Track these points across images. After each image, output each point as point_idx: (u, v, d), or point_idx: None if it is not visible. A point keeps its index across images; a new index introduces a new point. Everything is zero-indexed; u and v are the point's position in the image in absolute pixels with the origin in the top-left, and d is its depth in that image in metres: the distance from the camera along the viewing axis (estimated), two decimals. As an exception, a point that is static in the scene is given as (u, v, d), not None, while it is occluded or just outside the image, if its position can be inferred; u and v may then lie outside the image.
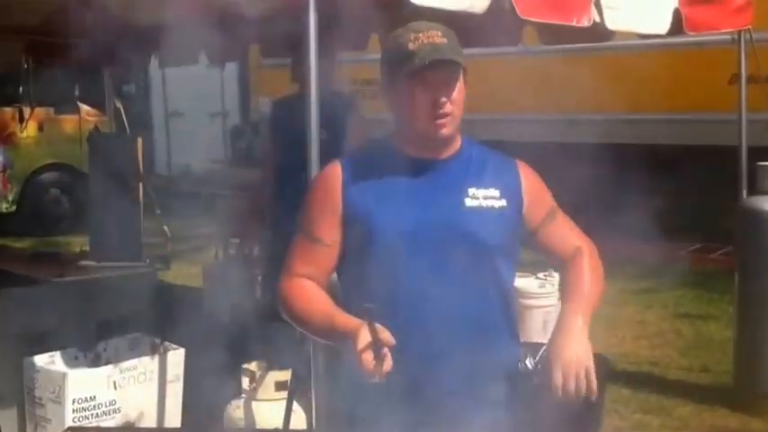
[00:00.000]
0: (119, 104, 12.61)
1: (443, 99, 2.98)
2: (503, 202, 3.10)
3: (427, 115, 3.01)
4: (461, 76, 3.03)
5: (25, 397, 5.39)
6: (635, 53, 10.95)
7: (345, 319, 2.90)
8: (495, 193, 3.10)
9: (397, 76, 3.01)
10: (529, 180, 3.22)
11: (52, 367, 5.41)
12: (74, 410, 5.18)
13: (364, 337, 2.74)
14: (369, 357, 2.72)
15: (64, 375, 5.25)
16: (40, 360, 5.40)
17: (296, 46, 6.14)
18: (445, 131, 3.03)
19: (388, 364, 2.73)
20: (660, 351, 8.11)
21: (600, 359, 3.55)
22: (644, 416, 6.53)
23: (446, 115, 3.00)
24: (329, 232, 3.09)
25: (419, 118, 3.02)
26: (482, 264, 3.07)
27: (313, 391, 4.44)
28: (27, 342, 5.47)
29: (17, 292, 5.71)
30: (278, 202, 6.27)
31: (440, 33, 3.00)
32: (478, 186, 3.09)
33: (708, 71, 10.86)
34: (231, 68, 16.92)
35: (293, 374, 4.92)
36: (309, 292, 3.08)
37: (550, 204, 3.26)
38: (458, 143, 3.16)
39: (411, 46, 2.97)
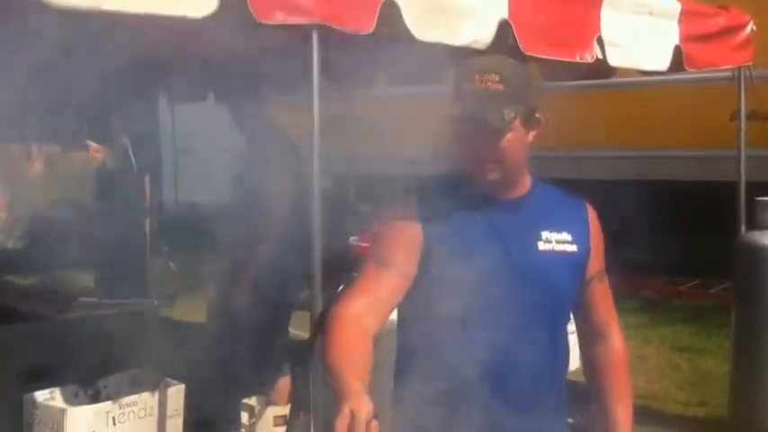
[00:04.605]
0: (126, 141, 12.70)
1: (485, 149, 2.93)
2: (574, 248, 3.07)
3: (472, 160, 2.97)
4: (516, 123, 2.92)
5: (24, 433, 5.38)
6: (635, 90, 10.99)
7: (347, 383, 2.60)
8: (568, 237, 3.07)
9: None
10: (595, 227, 3.19)
11: (52, 403, 5.38)
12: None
13: (346, 413, 2.44)
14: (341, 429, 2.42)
15: (63, 411, 5.21)
16: (40, 396, 5.37)
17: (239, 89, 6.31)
18: (491, 177, 2.96)
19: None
20: (658, 385, 8.14)
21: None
22: (642, 449, 6.52)
23: (490, 162, 2.94)
24: (405, 261, 2.97)
25: (465, 160, 3.00)
26: (551, 310, 3.04)
27: (312, 425, 4.45)
28: (27, 378, 5.45)
29: (18, 327, 5.72)
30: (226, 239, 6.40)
31: (498, 78, 2.90)
32: (551, 230, 3.05)
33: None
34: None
35: (292, 409, 4.95)
36: (347, 331, 2.82)
37: (603, 261, 3.23)
38: (526, 183, 3.10)
39: (466, 86, 2.91)
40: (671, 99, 11.01)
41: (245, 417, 5.35)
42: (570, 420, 3.18)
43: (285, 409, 5.18)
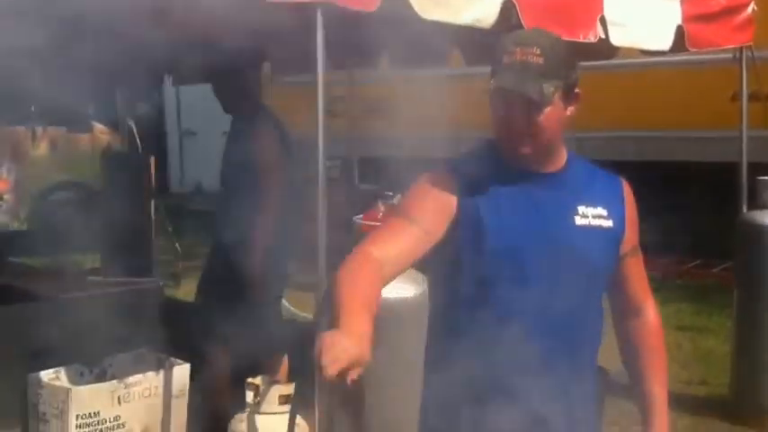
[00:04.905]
0: (131, 123, 12.70)
1: (523, 123, 2.90)
2: (609, 223, 3.05)
3: (506, 133, 2.96)
4: (556, 98, 2.90)
5: (29, 413, 5.39)
6: (637, 70, 10.99)
7: (344, 316, 2.57)
8: (603, 212, 3.05)
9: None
10: (630, 202, 3.18)
11: (56, 383, 5.42)
12: (77, 426, 5.18)
13: (328, 344, 2.41)
14: (326, 363, 2.38)
15: (68, 391, 5.24)
16: (45, 376, 5.41)
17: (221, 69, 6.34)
18: (527, 151, 2.94)
19: (354, 375, 2.42)
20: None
21: (600, 372, 3.60)
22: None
23: (525, 136, 2.92)
24: (431, 221, 2.94)
25: (499, 132, 2.98)
26: (586, 284, 3.03)
27: (316, 404, 4.48)
28: (32, 358, 5.47)
29: (23, 307, 5.75)
30: (221, 218, 6.44)
31: (539, 51, 2.87)
32: (587, 204, 3.03)
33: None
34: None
35: (296, 387, 4.96)
36: (358, 269, 2.80)
37: (637, 236, 3.22)
38: (563, 158, 3.09)
39: (505, 59, 2.88)
40: (672, 80, 11.00)
41: (249, 396, 5.36)
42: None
43: (290, 388, 5.20)
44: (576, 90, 2.99)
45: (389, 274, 2.87)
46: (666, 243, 9.27)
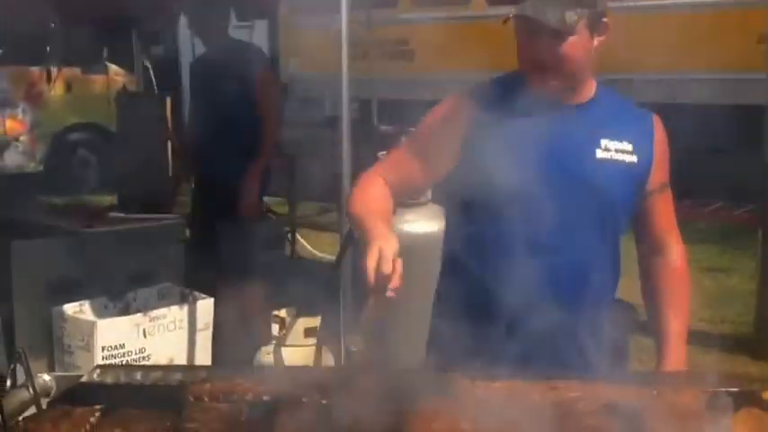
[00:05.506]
0: (147, 64, 12.64)
1: (545, 53, 2.80)
2: (633, 158, 2.96)
3: (530, 64, 2.86)
4: (581, 26, 2.79)
5: (54, 345, 5.39)
6: (663, 12, 10.88)
7: (373, 225, 2.74)
8: (628, 147, 2.95)
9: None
10: (660, 139, 3.07)
11: (81, 316, 5.42)
12: (103, 358, 5.16)
13: (374, 251, 2.57)
14: (371, 270, 2.54)
15: (93, 324, 5.24)
16: (69, 309, 5.40)
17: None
18: (551, 83, 2.85)
19: (396, 281, 2.54)
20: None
21: (625, 306, 3.54)
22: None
23: (550, 67, 2.82)
24: (438, 155, 2.96)
25: (523, 63, 2.89)
26: (602, 218, 2.95)
27: (342, 337, 4.46)
28: (55, 291, 5.47)
29: (46, 242, 5.71)
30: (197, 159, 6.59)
31: None
32: (611, 138, 2.94)
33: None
34: (261, 28, 16.81)
35: (323, 320, 4.95)
36: (373, 189, 2.99)
37: (667, 173, 3.11)
38: (590, 89, 2.99)
39: None
40: (699, 22, 10.88)
41: (275, 329, 5.34)
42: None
43: (316, 321, 5.17)
44: (605, 19, 2.88)
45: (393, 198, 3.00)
46: (688, 185, 9.18)
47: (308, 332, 5.26)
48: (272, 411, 2.27)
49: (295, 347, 5.28)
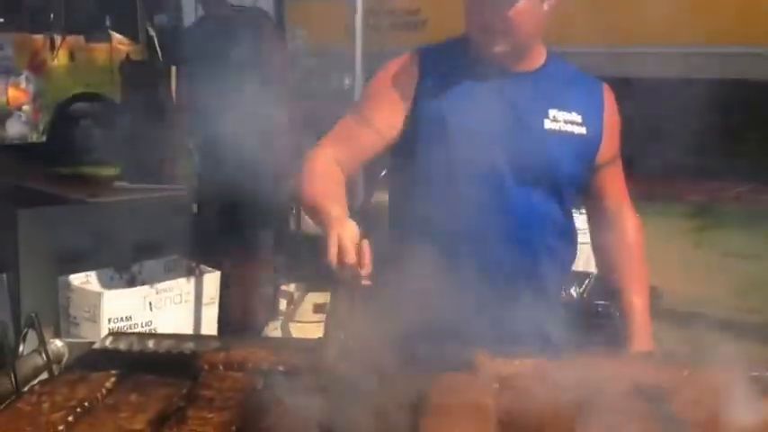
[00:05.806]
0: (152, 32, 12.56)
1: (493, 18, 2.70)
2: (583, 130, 2.86)
3: (478, 27, 2.76)
4: None
5: (60, 315, 5.34)
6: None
7: (327, 212, 2.59)
8: (577, 118, 2.85)
9: None
10: (611, 110, 2.96)
11: (87, 287, 5.37)
12: (109, 330, 5.09)
13: (333, 241, 2.42)
14: (334, 263, 2.41)
15: (100, 295, 5.20)
16: (76, 279, 5.36)
17: None
18: (499, 49, 2.75)
19: (366, 267, 2.41)
20: (707, 290, 7.97)
21: (653, 291, 3.45)
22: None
23: (497, 32, 2.72)
24: (386, 120, 2.84)
25: (471, 27, 2.79)
26: (548, 189, 2.84)
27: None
28: (61, 261, 5.43)
29: (51, 211, 5.67)
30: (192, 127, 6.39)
31: None
32: (560, 108, 2.84)
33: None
34: (266, -1, 16.71)
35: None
36: (321, 169, 2.81)
37: (618, 145, 3.01)
38: (540, 57, 2.89)
39: None
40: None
41: (283, 304, 5.30)
42: (566, 293, 3.00)
43: (325, 296, 5.11)
44: None
45: (344, 174, 2.85)
46: (716, 166, 9.07)
47: (317, 308, 5.20)
48: (286, 381, 2.22)
49: (303, 323, 5.23)
